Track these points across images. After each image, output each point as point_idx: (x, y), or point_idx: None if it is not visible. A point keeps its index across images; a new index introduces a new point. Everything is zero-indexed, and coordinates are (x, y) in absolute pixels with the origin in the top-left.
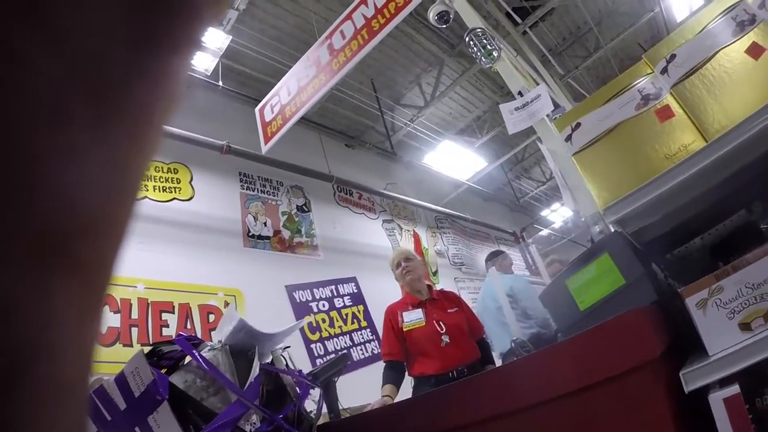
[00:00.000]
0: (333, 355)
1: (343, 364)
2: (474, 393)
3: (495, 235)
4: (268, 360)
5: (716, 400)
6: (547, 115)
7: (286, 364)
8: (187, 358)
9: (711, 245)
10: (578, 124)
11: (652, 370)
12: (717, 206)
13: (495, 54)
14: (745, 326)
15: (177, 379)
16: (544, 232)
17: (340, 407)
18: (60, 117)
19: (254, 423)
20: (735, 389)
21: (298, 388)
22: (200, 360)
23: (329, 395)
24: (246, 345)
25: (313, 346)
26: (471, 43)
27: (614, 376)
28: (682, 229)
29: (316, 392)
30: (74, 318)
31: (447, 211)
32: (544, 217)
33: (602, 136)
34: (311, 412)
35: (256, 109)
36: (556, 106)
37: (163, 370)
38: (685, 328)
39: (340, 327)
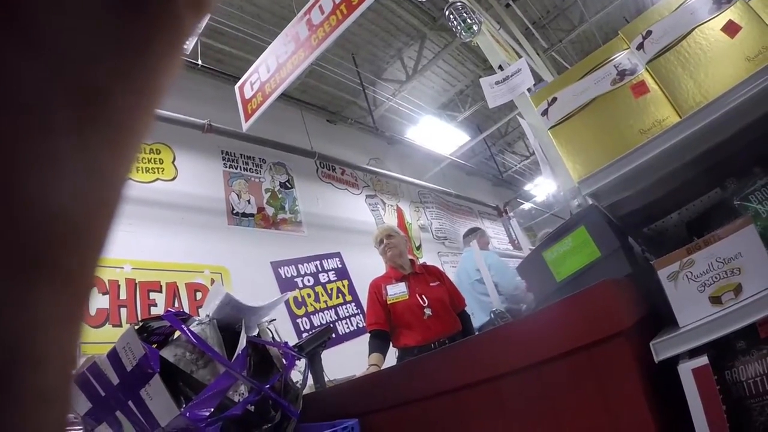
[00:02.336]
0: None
1: (327, 336)
2: (448, 362)
3: (478, 210)
4: (255, 333)
5: (685, 371)
6: (529, 89)
7: (273, 337)
8: (176, 333)
9: (687, 221)
10: (554, 99)
11: (622, 340)
12: (692, 183)
13: (475, 28)
14: (716, 300)
15: (167, 354)
16: (527, 206)
17: (326, 378)
18: (41, 123)
19: (242, 393)
20: (704, 360)
21: (284, 360)
22: (189, 334)
23: (315, 367)
24: (232, 318)
25: (298, 320)
26: (451, 16)
27: (584, 346)
28: (659, 204)
29: (302, 364)
30: (57, 325)
31: (430, 185)
32: (527, 191)
33: (578, 110)
34: (297, 382)
35: (236, 87)
36: (540, 80)
37: (154, 346)
38: (660, 302)
39: (325, 301)
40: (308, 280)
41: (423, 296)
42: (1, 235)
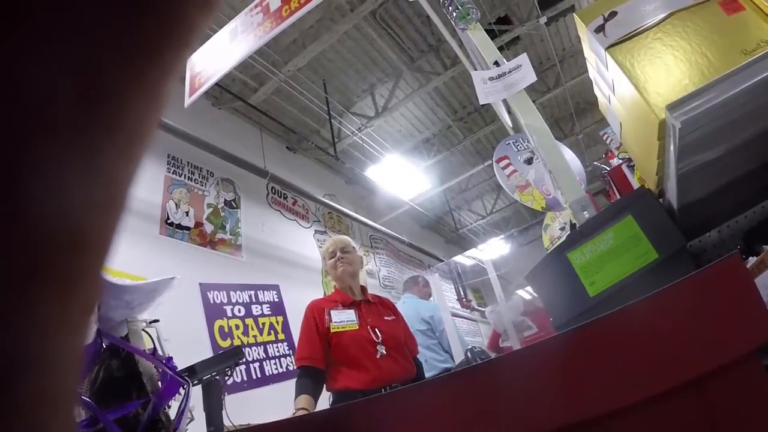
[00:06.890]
0: (244, 367)
1: (234, 360)
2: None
3: (428, 263)
4: (122, 334)
5: None
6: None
7: (154, 347)
8: None
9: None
10: (613, 13)
11: (759, 363)
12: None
13: (473, 14)
14: None
15: None
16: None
17: (229, 422)
18: (50, 125)
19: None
20: None
21: (160, 383)
22: None
23: (211, 400)
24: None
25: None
26: (446, 2)
27: (708, 373)
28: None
29: (184, 393)
30: (60, 331)
31: (384, 229)
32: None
33: (650, 27)
34: (189, 420)
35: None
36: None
37: None
38: None
39: (254, 336)
40: (239, 310)
41: (376, 330)
42: (5, 237)
